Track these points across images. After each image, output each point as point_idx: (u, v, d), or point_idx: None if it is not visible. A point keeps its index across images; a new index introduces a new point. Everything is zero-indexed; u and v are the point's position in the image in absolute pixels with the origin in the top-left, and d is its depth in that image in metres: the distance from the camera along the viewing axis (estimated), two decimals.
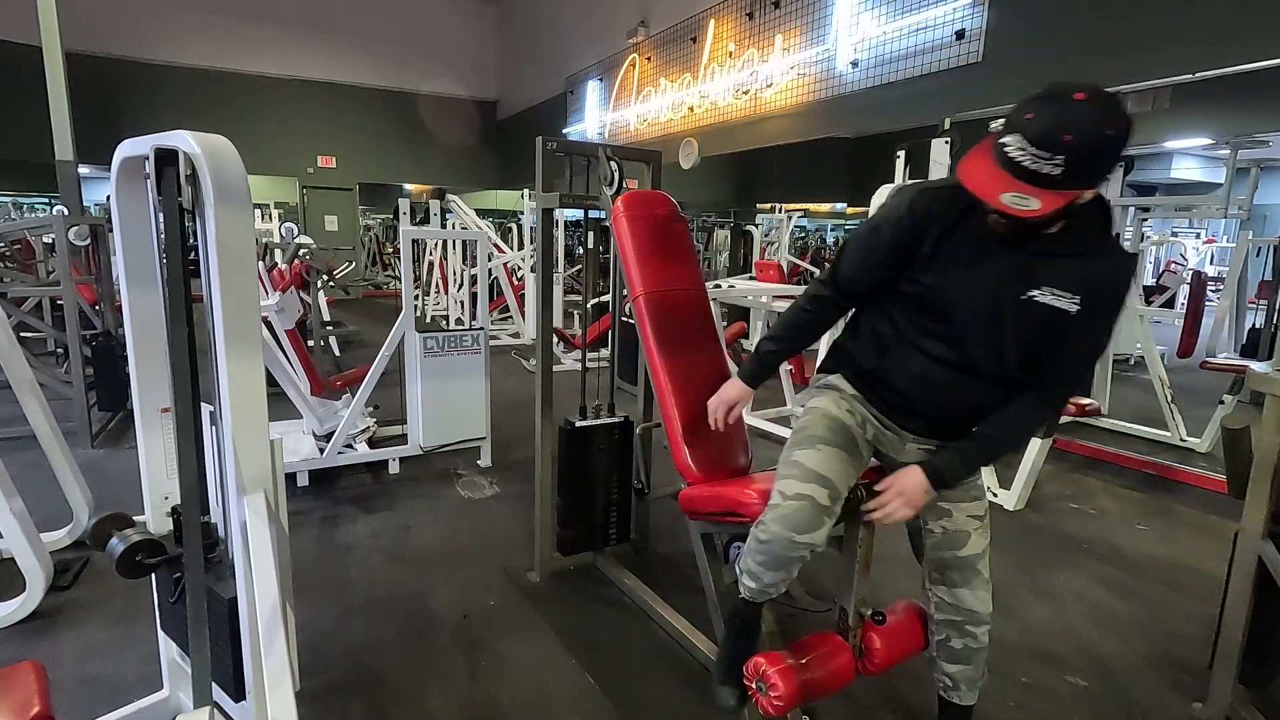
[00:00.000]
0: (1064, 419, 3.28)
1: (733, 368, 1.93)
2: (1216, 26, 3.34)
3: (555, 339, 2.43)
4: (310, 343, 4.92)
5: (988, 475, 3.33)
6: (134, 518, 1.42)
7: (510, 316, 7.73)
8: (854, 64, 5.33)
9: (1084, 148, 1.10)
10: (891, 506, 1.41)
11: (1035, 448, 3.18)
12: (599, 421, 2.39)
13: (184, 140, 1.18)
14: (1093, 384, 4.40)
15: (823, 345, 3.69)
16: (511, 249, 7.92)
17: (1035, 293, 1.28)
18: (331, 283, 8.15)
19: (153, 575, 1.43)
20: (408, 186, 13.23)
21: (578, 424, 2.34)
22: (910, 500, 1.40)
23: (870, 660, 1.59)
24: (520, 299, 7.41)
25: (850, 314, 1.58)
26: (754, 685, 1.49)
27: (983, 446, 1.42)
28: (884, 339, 1.45)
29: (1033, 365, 1.35)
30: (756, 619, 1.60)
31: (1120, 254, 1.36)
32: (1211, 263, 10.25)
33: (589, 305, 3.08)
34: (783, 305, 3.48)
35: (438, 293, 8.65)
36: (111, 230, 1.51)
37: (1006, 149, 1.14)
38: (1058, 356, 1.34)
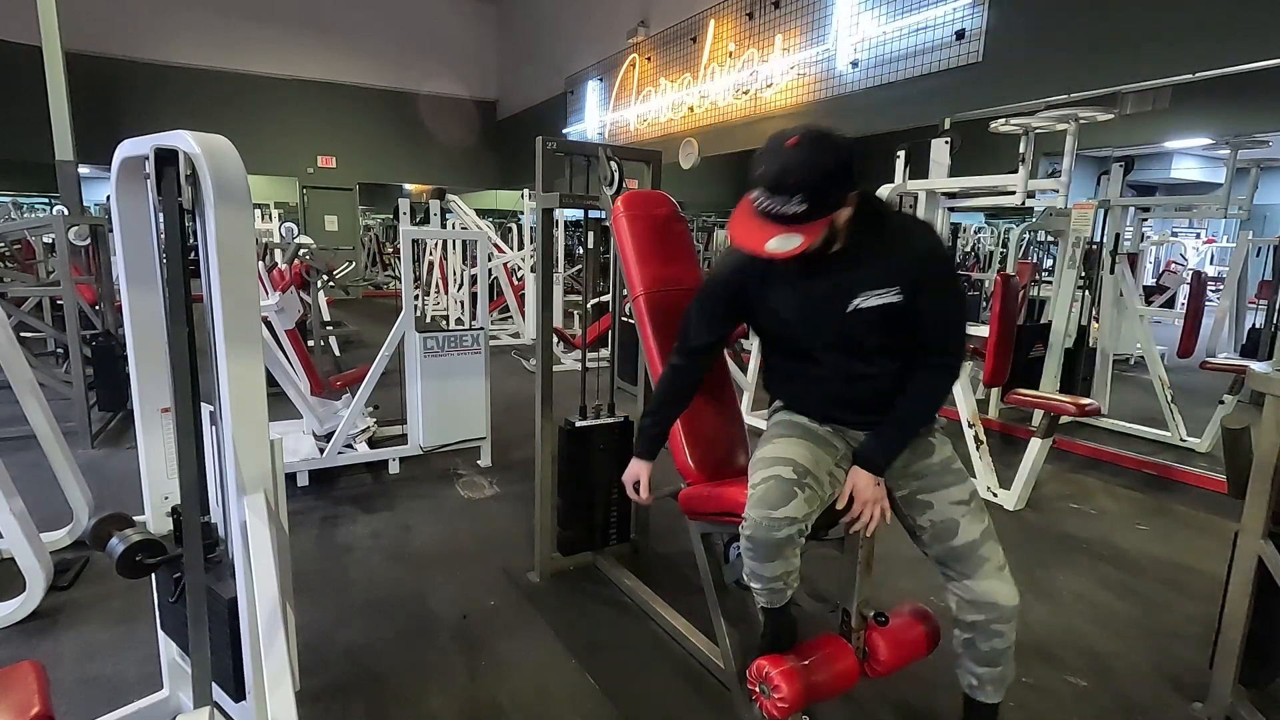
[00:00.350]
0: (1064, 419, 3.28)
1: (732, 368, 1.94)
2: (1216, 26, 3.34)
3: (555, 339, 2.43)
4: (310, 343, 4.92)
5: (987, 475, 3.33)
6: (134, 518, 1.41)
7: (510, 316, 7.73)
8: (854, 64, 5.33)
9: (812, 183, 1.23)
10: (866, 513, 1.43)
11: (1035, 448, 3.18)
12: (599, 421, 2.39)
13: (184, 140, 1.18)
14: (1092, 384, 4.41)
15: None
16: (511, 249, 7.92)
17: (856, 301, 1.39)
18: (331, 283, 8.15)
19: (153, 575, 1.42)
20: (408, 186, 13.23)
21: (578, 424, 2.34)
22: (872, 497, 1.42)
23: (875, 662, 1.58)
24: (520, 299, 7.41)
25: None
26: (757, 688, 1.49)
27: (898, 428, 1.47)
28: (780, 375, 1.62)
29: (914, 346, 1.44)
30: (785, 626, 1.56)
31: (915, 229, 1.44)
32: (1211, 263, 10.23)
33: (589, 305, 3.09)
34: None
35: (438, 293, 8.65)
36: (111, 230, 1.51)
37: (756, 203, 1.28)
38: (922, 336, 1.42)
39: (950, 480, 1.49)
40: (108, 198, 1.66)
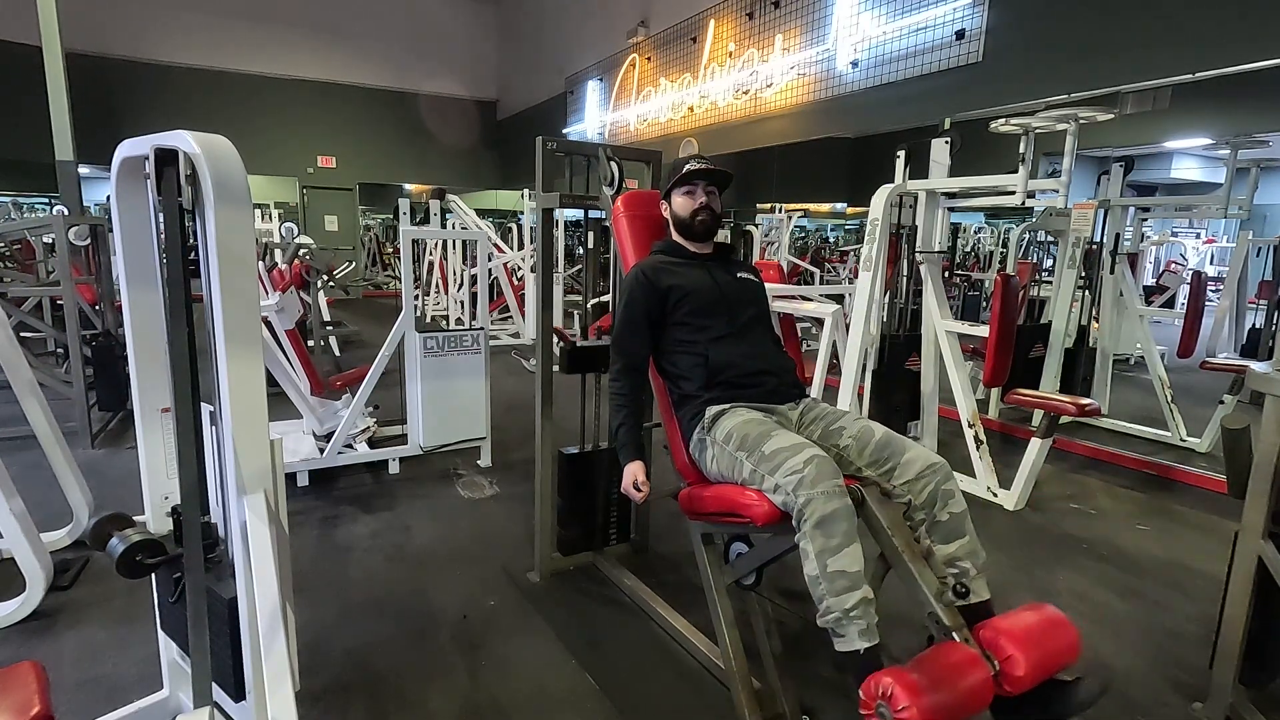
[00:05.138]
0: (1064, 419, 3.27)
1: None
2: (1216, 26, 3.34)
3: (555, 339, 2.43)
4: (310, 343, 4.92)
5: (987, 475, 3.33)
6: (134, 518, 1.41)
7: (510, 316, 7.73)
8: (854, 64, 5.33)
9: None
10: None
11: (1035, 448, 3.18)
12: (597, 449, 2.40)
13: (184, 140, 1.18)
14: (1092, 384, 4.41)
15: (826, 358, 3.69)
16: (511, 249, 7.91)
17: (740, 275, 1.96)
18: (331, 283, 8.14)
19: (153, 575, 1.42)
20: (408, 186, 13.23)
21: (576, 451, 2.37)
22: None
23: (1012, 673, 1.27)
24: (520, 299, 7.41)
25: (662, 382, 1.91)
26: (875, 711, 1.22)
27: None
28: (697, 363, 1.79)
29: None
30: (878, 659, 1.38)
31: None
32: (1211, 263, 10.22)
33: (589, 305, 3.09)
34: (782, 306, 3.49)
35: (438, 293, 8.64)
36: (111, 230, 1.51)
37: (691, 166, 1.89)
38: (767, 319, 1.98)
39: (840, 411, 1.79)
40: (108, 198, 1.66)
